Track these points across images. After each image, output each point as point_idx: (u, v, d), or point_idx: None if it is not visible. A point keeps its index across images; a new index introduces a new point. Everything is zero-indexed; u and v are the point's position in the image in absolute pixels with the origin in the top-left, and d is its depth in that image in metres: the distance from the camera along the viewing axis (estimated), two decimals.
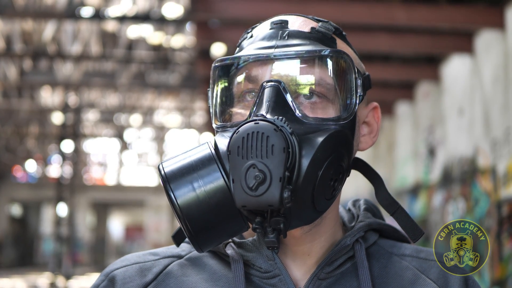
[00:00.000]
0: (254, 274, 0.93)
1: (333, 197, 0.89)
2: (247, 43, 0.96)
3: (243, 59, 0.92)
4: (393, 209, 0.97)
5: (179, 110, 19.90)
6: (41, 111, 19.48)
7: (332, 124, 0.88)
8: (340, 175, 0.88)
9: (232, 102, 0.95)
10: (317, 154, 0.83)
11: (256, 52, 0.91)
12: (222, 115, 0.95)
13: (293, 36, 0.92)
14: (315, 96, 0.90)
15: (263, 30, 0.95)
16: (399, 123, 8.81)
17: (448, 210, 6.92)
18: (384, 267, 0.97)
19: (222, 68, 0.95)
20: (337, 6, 5.51)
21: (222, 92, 0.95)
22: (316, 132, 0.86)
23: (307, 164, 0.82)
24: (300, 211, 0.84)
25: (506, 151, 5.48)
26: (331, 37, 0.94)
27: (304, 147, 0.83)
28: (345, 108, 0.90)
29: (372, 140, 1.00)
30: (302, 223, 0.87)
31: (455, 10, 5.64)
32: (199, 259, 0.97)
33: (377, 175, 1.00)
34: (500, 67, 5.63)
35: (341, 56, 0.90)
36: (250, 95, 0.92)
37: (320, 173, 0.84)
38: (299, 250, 0.94)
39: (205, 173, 0.84)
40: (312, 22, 0.96)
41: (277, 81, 0.88)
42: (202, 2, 5.60)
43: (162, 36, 13.52)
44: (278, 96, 0.87)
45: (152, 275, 0.95)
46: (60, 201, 19.87)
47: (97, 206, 27.36)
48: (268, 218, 0.82)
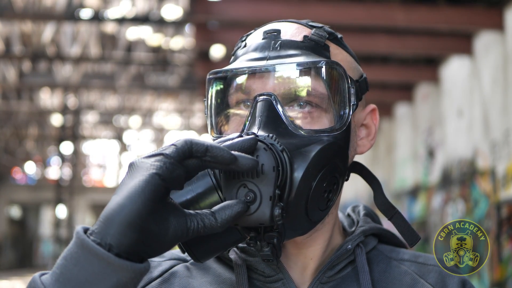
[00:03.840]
0: (257, 278, 0.94)
1: (327, 208, 0.89)
2: (241, 52, 0.97)
3: (234, 72, 0.92)
4: (390, 213, 0.98)
5: (179, 111, 19.91)
6: (40, 113, 19.47)
7: (325, 136, 0.88)
8: (335, 185, 0.89)
9: (226, 114, 0.96)
10: (309, 168, 0.84)
11: (248, 64, 0.91)
12: (217, 126, 0.96)
13: (285, 46, 0.92)
14: (309, 106, 0.90)
15: (256, 40, 0.96)
16: (398, 125, 8.81)
17: (447, 211, 6.92)
18: (383, 271, 0.98)
19: (216, 80, 0.96)
20: (336, 8, 5.51)
21: (217, 103, 0.96)
22: (309, 145, 0.86)
23: (299, 179, 0.82)
24: (294, 222, 0.85)
25: (506, 153, 5.48)
26: (324, 44, 0.94)
27: (295, 162, 0.83)
28: (339, 119, 0.90)
29: (370, 142, 1.01)
30: (297, 234, 0.88)
31: (454, 12, 5.65)
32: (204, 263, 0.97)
33: (375, 179, 1.00)
34: (499, 68, 5.63)
35: (333, 67, 0.90)
36: (245, 105, 0.93)
37: (313, 187, 0.84)
38: (301, 254, 0.95)
39: (199, 188, 0.83)
40: (306, 29, 0.96)
41: (269, 94, 0.88)
42: (201, 4, 5.60)
43: (161, 37, 13.53)
44: (270, 111, 0.87)
45: (158, 272, 0.97)
46: (59, 203, 19.88)
47: (96, 208, 27.35)
48: (262, 233, 0.82)
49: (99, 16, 9.85)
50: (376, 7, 5.68)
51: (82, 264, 0.67)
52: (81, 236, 0.68)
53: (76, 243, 0.68)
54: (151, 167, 0.69)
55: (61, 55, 13.33)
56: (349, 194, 10.07)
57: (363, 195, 9.26)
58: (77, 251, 0.68)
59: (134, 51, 14.22)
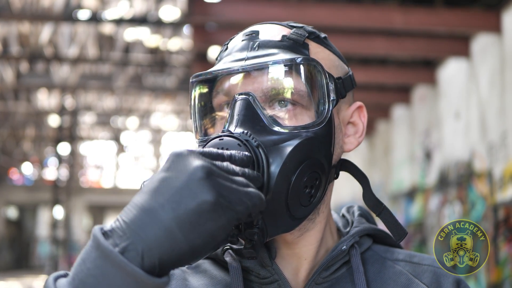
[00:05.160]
0: (253, 280, 0.94)
1: (311, 204, 0.89)
2: (223, 55, 0.98)
3: (214, 74, 0.93)
4: (378, 209, 0.98)
5: (176, 113, 19.91)
6: (37, 113, 19.46)
7: (304, 132, 0.88)
8: (317, 181, 0.88)
9: (210, 116, 0.97)
10: (286, 163, 0.84)
11: (227, 66, 0.92)
12: (201, 129, 0.97)
13: (263, 46, 0.92)
14: (289, 104, 0.90)
15: (236, 42, 0.97)
16: (395, 127, 8.82)
17: (444, 213, 6.93)
18: (378, 272, 0.98)
19: (197, 84, 0.97)
20: (334, 10, 5.52)
21: (200, 106, 0.97)
22: (287, 140, 0.86)
23: (276, 175, 0.83)
24: (275, 219, 0.85)
25: (502, 155, 5.50)
26: (303, 43, 0.94)
27: (272, 157, 0.84)
28: (318, 114, 0.90)
29: (358, 140, 1.00)
30: (281, 231, 0.87)
31: (452, 14, 5.66)
32: (199, 265, 0.98)
33: (364, 176, 1.00)
34: (496, 71, 5.64)
35: (309, 63, 0.90)
36: (228, 106, 0.94)
37: (292, 182, 0.84)
38: (294, 254, 0.95)
39: None
40: (285, 29, 0.96)
41: (247, 93, 0.89)
42: (199, 5, 5.60)
43: (159, 39, 13.54)
44: (247, 109, 0.88)
45: None
46: (56, 204, 19.86)
47: (93, 208, 27.34)
48: (243, 230, 0.82)
49: (97, 17, 9.85)
50: (374, 9, 5.68)
51: (106, 278, 0.66)
52: (103, 245, 0.67)
53: (98, 252, 0.67)
54: None
55: (58, 56, 13.33)
56: (346, 195, 10.07)
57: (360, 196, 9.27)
58: (100, 263, 0.67)
59: (132, 52, 14.23)
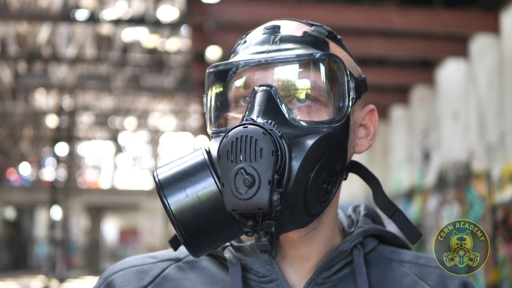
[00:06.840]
0: (251, 278, 0.93)
1: (327, 200, 0.88)
2: (241, 48, 0.97)
3: (235, 64, 0.92)
4: (391, 211, 0.97)
5: (174, 113, 19.91)
6: (35, 114, 19.44)
7: (324, 127, 0.88)
8: (333, 177, 0.88)
9: (226, 108, 0.95)
10: (308, 156, 0.83)
11: (248, 57, 0.91)
12: (216, 120, 0.96)
13: (285, 41, 0.92)
14: (308, 99, 0.90)
15: (256, 36, 0.96)
16: (394, 127, 8.82)
17: (443, 214, 6.93)
18: (382, 273, 0.97)
19: (215, 74, 0.96)
20: (333, 10, 5.52)
21: (216, 97, 0.96)
22: (308, 135, 0.86)
23: (297, 167, 0.82)
24: (292, 214, 0.84)
25: (501, 156, 5.49)
26: (324, 40, 0.94)
27: (294, 150, 0.83)
28: (338, 111, 0.90)
29: (369, 142, 1.00)
30: (295, 226, 0.87)
31: (450, 15, 5.66)
32: (197, 262, 0.97)
33: (374, 178, 1.00)
34: (494, 71, 5.64)
35: (332, 59, 0.90)
36: (244, 100, 0.93)
37: (312, 176, 0.84)
38: (297, 254, 0.94)
39: (198, 179, 0.84)
40: (305, 26, 0.96)
41: (268, 85, 0.88)
42: (198, 6, 5.59)
43: (157, 39, 13.53)
44: (269, 100, 0.87)
45: (149, 278, 0.96)
46: (54, 204, 19.83)
47: (91, 209, 27.30)
48: (260, 221, 0.82)
49: (95, 17, 9.84)
50: (372, 10, 5.68)
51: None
52: None
53: None
54: None
55: (56, 56, 13.32)
56: (344, 196, 10.07)
57: (359, 196, 9.27)
58: None
59: (130, 52, 14.22)
